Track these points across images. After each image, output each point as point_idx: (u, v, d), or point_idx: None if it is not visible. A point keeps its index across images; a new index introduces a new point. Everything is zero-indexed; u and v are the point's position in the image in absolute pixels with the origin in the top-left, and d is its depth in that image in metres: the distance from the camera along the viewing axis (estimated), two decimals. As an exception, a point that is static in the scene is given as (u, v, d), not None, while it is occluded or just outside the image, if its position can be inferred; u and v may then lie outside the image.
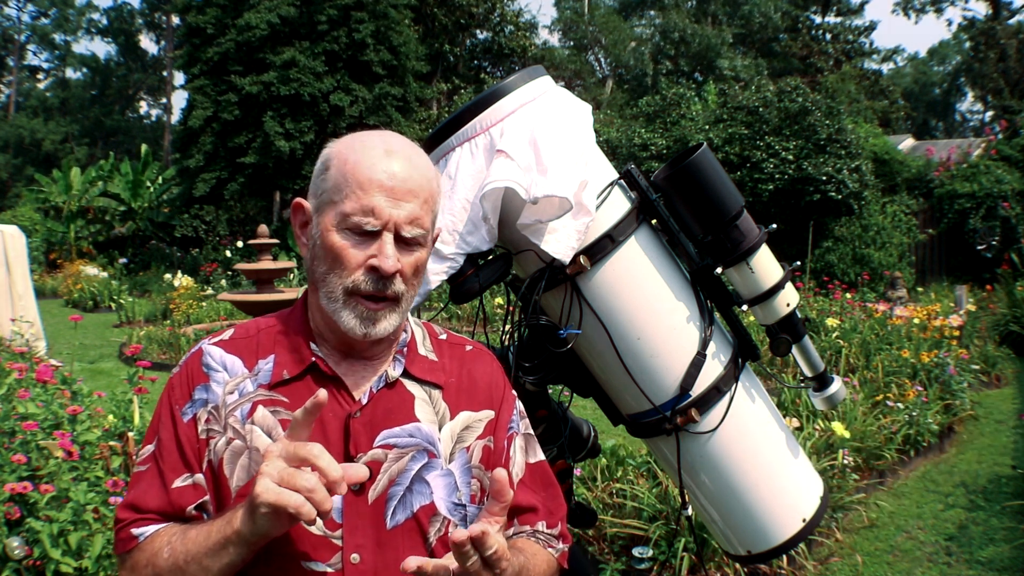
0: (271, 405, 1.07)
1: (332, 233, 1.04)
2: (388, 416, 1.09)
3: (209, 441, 1.06)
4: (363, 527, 1.05)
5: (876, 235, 12.96)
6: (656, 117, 14.36)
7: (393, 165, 1.04)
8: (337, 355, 1.11)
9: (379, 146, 1.06)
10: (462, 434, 1.14)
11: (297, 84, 17.39)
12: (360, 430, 1.07)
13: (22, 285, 8.12)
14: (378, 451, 1.07)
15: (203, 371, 1.10)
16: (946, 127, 44.21)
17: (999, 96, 28.18)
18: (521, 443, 1.22)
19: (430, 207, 1.07)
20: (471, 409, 1.16)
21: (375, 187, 1.02)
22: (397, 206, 1.03)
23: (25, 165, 37.95)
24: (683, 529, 3.15)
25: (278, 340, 1.12)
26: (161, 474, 1.06)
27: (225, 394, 1.08)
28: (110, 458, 3.14)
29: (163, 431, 1.08)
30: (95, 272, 17.34)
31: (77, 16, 46.58)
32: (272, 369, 1.09)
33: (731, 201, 1.40)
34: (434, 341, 1.21)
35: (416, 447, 1.09)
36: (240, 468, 1.04)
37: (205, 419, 1.07)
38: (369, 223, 1.02)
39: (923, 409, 5.05)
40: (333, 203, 1.05)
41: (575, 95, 1.44)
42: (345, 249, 1.03)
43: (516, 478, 1.19)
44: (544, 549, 1.20)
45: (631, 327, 1.41)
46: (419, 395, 1.13)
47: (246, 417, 1.06)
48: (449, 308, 9.85)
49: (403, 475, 1.08)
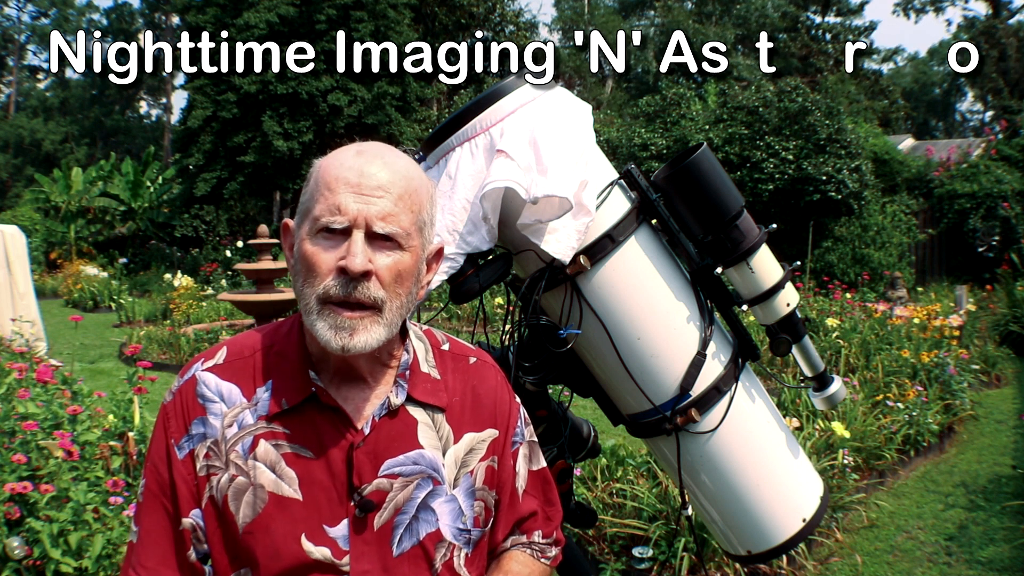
0: (272, 438, 1.04)
1: (306, 242, 1.00)
2: (391, 444, 1.06)
3: (211, 478, 1.03)
4: (369, 554, 1.03)
5: (876, 235, 12.96)
6: (656, 117, 14.35)
7: (361, 162, 1.00)
8: (337, 379, 1.07)
9: (351, 149, 1.04)
10: (466, 458, 1.11)
11: (295, 83, 17.39)
12: (364, 460, 1.04)
13: (23, 285, 8.13)
14: (383, 481, 1.05)
15: (199, 403, 1.06)
16: (946, 127, 44.24)
17: (999, 96, 28.19)
18: (525, 451, 1.21)
19: (408, 206, 1.01)
20: (475, 430, 1.13)
21: (341, 184, 0.98)
22: (365, 201, 0.97)
23: (25, 165, 37.95)
24: (683, 529, 3.15)
25: (275, 365, 1.08)
26: (161, 527, 1.05)
27: (224, 427, 1.04)
28: (110, 458, 3.14)
29: (160, 469, 1.06)
30: (95, 272, 17.34)
31: (77, 16, 46.60)
32: (270, 398, 1.05)
33: (731, 201, 1.40)
34: (436, 353, 1.17)
35: (421, 475, 1.07)
36: (246, 505, 1.02)
37: (204, 454, 1.04)
38: (336, 220, 0.97)
39: (923, 409, 5.05)
40: (307, 212, 1.01)
41: (575, 95, 1.44)
42: (316, 255, 0.98)
43: (520, 489, 1.18)
44: (538, 562, 1.20)
45: (631, 327, 1.41)
46: (422, 419, 1.09)
47: (248, 452, 1.03)
48: (449, 308, 9.85)
49: (409, 504, 1.06)
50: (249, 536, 1.01)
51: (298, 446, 1.04)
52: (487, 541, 1.16)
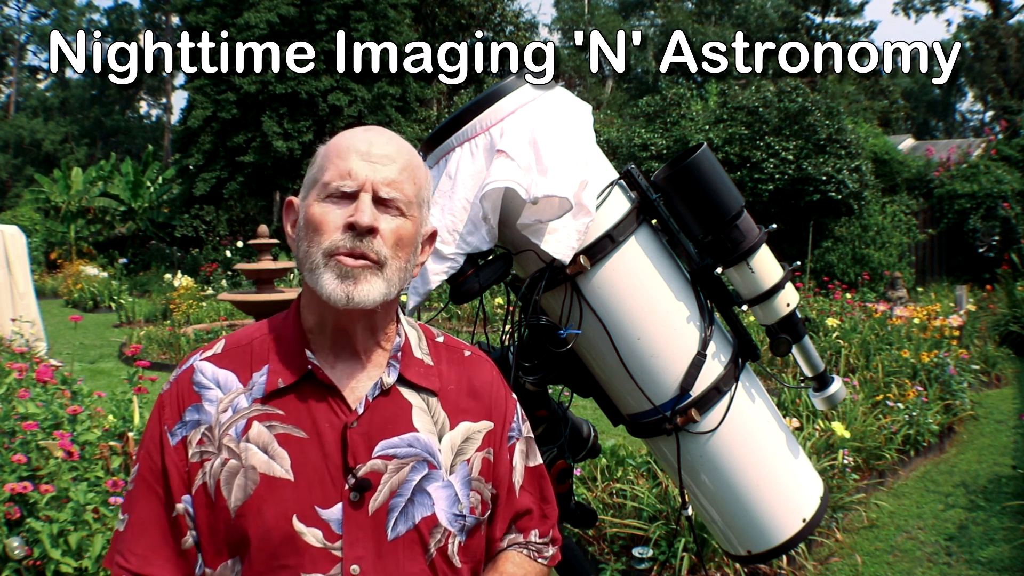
0: (266, 420, 1.05)
1: (313, 206, 1.05)
2: (386, 426, 1.07)
3: (204, 464, 1.04)
4: (363, 539, 1.04)
5: (876, 235, 12.96)
6: (656, 117, 14.35)
7: (370, 135, 1.09)
8: (332, 356, 1.10)
9: (359, 128, 1.12)
10: (462, 446, 1.12)
11: (295, 83, 17.38)
12: (358, 440, 1.05)
13: (23, 285, 8.14)
14: (377, 462, 1.06)
15: (194, 390, 1.08)
16: (946, 127, 44.20)
17: (999, 96, 28.20)
18: (522, 447, 1.22)
19: (411, 178, 1.08)
20: (470, 420, 1.14)
21: (352, 152, 1.05)
22: (373, 168, 1.04)
23: (25, 165, 37.94)
24: (683, 529, 3.15)
25: (271, 348, 1.10)
26: (153, 513, 1.06)
27: (219, 413, 1.06)
28: (110, 458, 3.14)
29: (153, 455, 1.08)
30: (95, 272, 17.34)
31: (77, 16, 46.60)
32: (266, 379, 1.07)
33: (731, 201, 1.40)
34: (430, 344, 1.19)
35: (416, 457, 1.08)
36: (237, 488, 1.03)
37: (198, 440, 1.05)
38: (346, 184, 1.04)
39: (923, 409, 5.05)
40: (316, 181, 1.07)
41: (575, 95, 1.44)
42: (325, 215, 1.04)
43: (517, 485, 1.19)
44: (534, 562, 1.20)
45: (631, 327, 1.41)
46: (416, 403, 1.11)
47: (241, 435, 1.05)
48: (449, 308, 9.86)
49: (404, 486, 1.06)
50: (241, 519, 1.02)
51: (292, 427, 1.05)
52: (483, 536, 1.16)
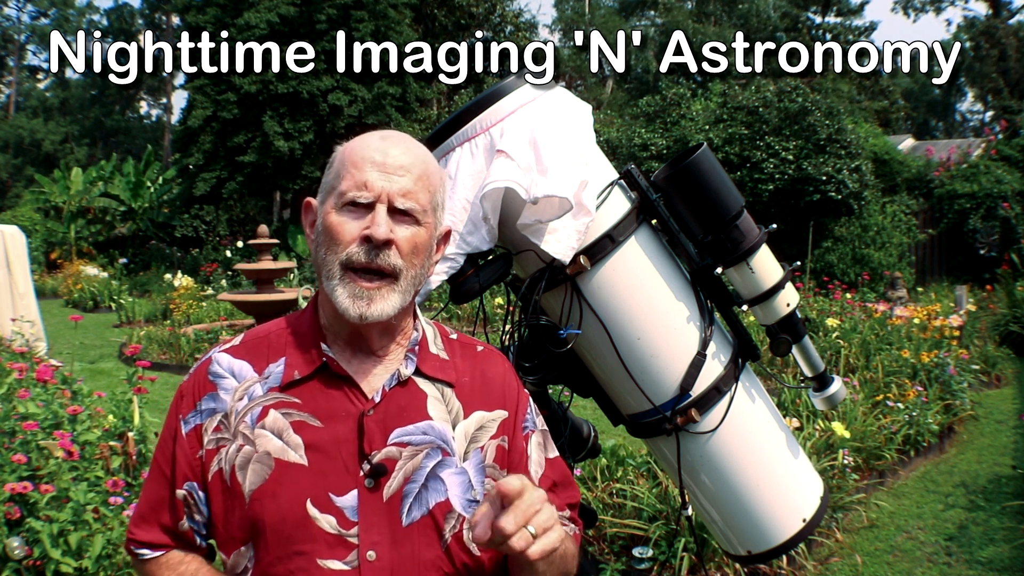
0: (282, 407, 1.09)
1: (331, 215, 1.07)
2: (401, 414, 1.10)
3: (219, 450, 1.08)
4: (379, 524, 1.06)
5: (876, 235, 12.96)
6: (656, 117, 14.34)
7: (386, 145, 1.09)
8: (348, 352, 1.12)
9: (376, 134, 1.13)
10: (476, 434, 1.15)
11: (295, 83, 17.38)
12: (374, 428, 1.08)
13: (23, 285, 8.14)
14: (392, 449, 1.08)
15: (210, 380, 1.12)
16: (946, 127, 44.19)
17: (999, 96, 28.19)
18: (538, 439, 1.23)
19: (426, 186, 1.09)
20: (485, 409, 1.17)
21: (368, 163, 1.07)
22: (389, 180, 1.06)
23: (25, 165, 37.93)
24: (683, 529, 3.15)
25: (289, 342, 1.14)
26: (160, 498, 1.13)
27: (234, 401, 1.10)
28: (110, 458, 3.14)
29: (168, 442, 1.13)
30: (95, 272, 17.35)
31: (77, 16, 46.59)
32: (283, 371, 1.11)
33: (731, 201, 1.40)
34: (445, 340, 1.22)
35: (430, 444, 1.10)
36: (252, 473, 1.06)
37: (214, 428, 1.09)
38: (362, 195, 1.05)
39: (923, 409, 5.05)
40: (333, 189, 1.09)
41: (575, 95, 1.44)
42: (341, 225, 1.06)
43: (536, 475, 1.20)
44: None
45: (631, 327, 1.41)
46: (431, 393, 1.14)
47: (256, 422, 1.08)
48: (449, 308, 9.85)
49: (418, 472, 1.09)
50: (256, 503, 1.05)
51: (307, 415, 1.08)
52: None
